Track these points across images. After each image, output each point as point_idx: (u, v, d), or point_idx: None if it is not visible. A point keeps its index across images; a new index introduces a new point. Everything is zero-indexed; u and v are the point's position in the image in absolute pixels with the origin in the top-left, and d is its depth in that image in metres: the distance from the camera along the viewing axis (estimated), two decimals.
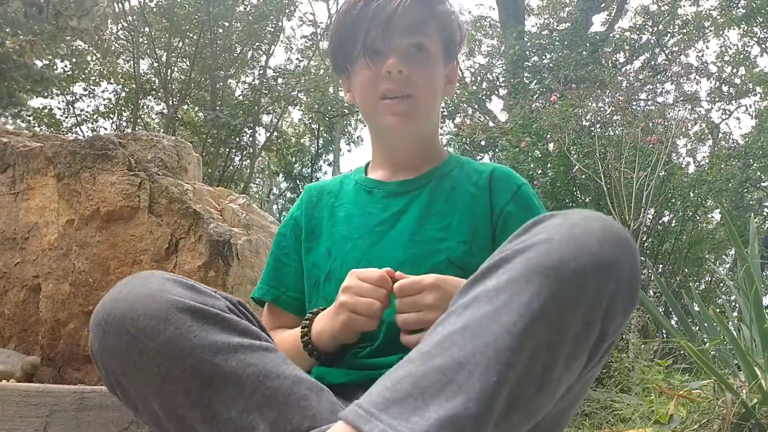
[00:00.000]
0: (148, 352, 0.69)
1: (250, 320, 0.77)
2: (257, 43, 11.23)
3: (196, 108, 11.98)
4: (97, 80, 11.75)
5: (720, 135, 12.44)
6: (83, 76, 11.43)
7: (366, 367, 0.94)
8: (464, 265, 0.98)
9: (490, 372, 0.57)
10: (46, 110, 11.44)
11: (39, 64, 9.58)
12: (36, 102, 11.49)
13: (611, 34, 11.94)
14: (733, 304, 6.76)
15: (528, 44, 10.83)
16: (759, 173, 9.80)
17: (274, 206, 15.49)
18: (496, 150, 8.26)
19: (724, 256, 11.72)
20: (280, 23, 11.19)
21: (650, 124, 6.66)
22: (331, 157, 15.43)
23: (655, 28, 11.84)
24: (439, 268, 0.96)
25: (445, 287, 0.86)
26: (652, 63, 11.51)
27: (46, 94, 11.17)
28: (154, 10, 10.65)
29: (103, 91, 11.91)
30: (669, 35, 12.24)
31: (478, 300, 0.63)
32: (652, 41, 11.83)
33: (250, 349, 0.71)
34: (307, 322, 0.96)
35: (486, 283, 0.64)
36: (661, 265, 8.75)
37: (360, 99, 1.09)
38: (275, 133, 11.88)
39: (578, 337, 0.63)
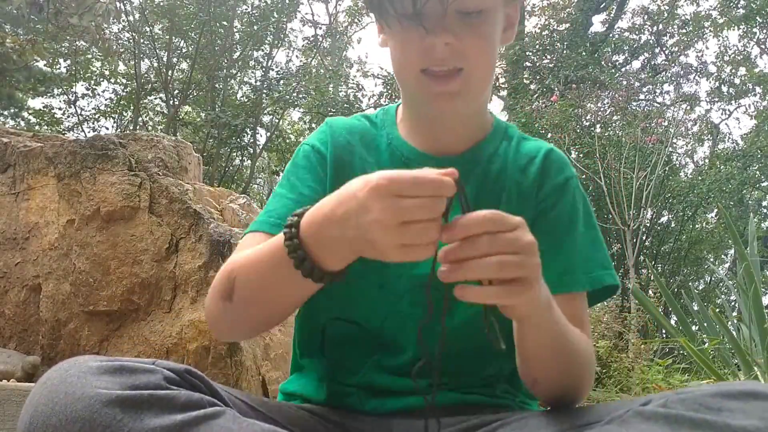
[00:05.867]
0: None
1: (194, 386, 0.68)
2: (258, 44, 11.24)
3: (197, 108, 11.98)
4: (98, 80, 11.77)
5: (719, 135, 12.45)
6: (85, 76, 11.44)
7: (393, 391, 0.84)
8: None
9: None
10: (46, 110, 11.45)
11: (40, 63, 9.57)
12: (37, 102, 11.52)
13: (611, 35, 11.95)
14: (733, 303, 6.77)
15: (528, 44, 10.84)
16: (758, 173, 9.80)
17: None
18: None
19: (723, 256, 11.72)
20: (282, 25, 11.18)
21: (650, 125, 6.67)
22: None
23: (655, 28, 11.85)
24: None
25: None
26: (652, 63, 11.52)
27: (47, 93, 11.18)
28: (156, 10, 10.66)
29: (104, 91, 11.96)
30: (668, 35, 12.25)
31: None
32: (651, 41, 11.85)
33: (195, 423, 0.62)
34: (300, 211, 0.74)
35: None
36: (660, 265, 8.75)
37: (395, 66, 0.90)
38: (276, 133, 11.88)
39: None
